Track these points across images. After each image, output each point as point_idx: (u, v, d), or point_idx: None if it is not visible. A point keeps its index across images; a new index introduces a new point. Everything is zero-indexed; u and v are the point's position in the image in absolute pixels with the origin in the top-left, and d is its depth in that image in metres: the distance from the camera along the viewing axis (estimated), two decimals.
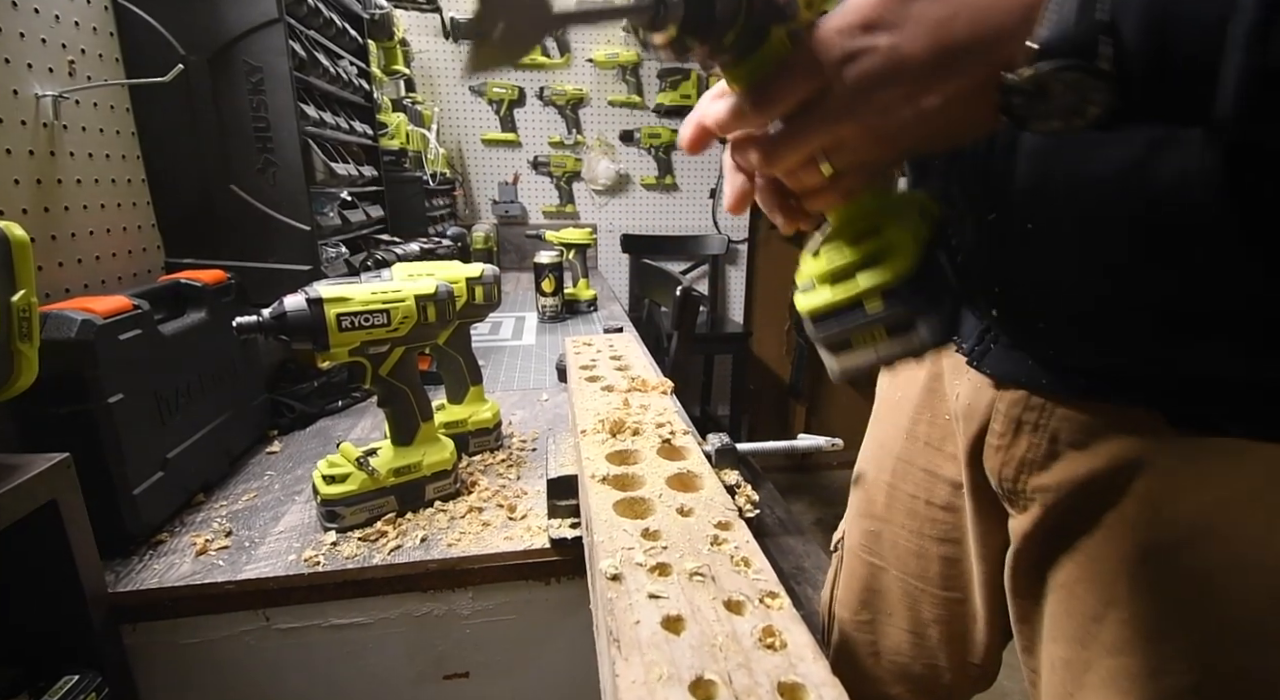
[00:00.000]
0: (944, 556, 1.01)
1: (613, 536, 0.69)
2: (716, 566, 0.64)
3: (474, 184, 4.14)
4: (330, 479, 1.10)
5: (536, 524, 1.13)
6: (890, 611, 1.10)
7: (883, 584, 1.11)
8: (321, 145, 1.75)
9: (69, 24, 1.30)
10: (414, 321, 1.09)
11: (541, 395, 1.80)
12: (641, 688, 0.49)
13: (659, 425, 0.99)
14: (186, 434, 1.20)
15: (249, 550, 1.07)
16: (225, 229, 1.58)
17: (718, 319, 4.45)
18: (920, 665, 1.09)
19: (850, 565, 1.17)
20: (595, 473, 0.84)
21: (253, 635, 1.02)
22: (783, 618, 0.57)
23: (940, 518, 1.00)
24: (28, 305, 0.80)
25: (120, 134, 1.44)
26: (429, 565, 1.03)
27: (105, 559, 0.98)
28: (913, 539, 1.04)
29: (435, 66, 3.92)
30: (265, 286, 1.46)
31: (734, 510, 0.76)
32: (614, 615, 0.57)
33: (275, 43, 1.52)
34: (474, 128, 4.06)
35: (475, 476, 1.29)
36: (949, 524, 0.99)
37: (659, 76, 4.09)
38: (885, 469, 1.07)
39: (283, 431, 1.55)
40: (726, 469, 0.92)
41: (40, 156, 1.21)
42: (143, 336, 1.09)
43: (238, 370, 1.38)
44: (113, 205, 1.40)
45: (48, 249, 1.21)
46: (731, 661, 0.51)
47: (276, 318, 0.99)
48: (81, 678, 0.87)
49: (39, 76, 1.22)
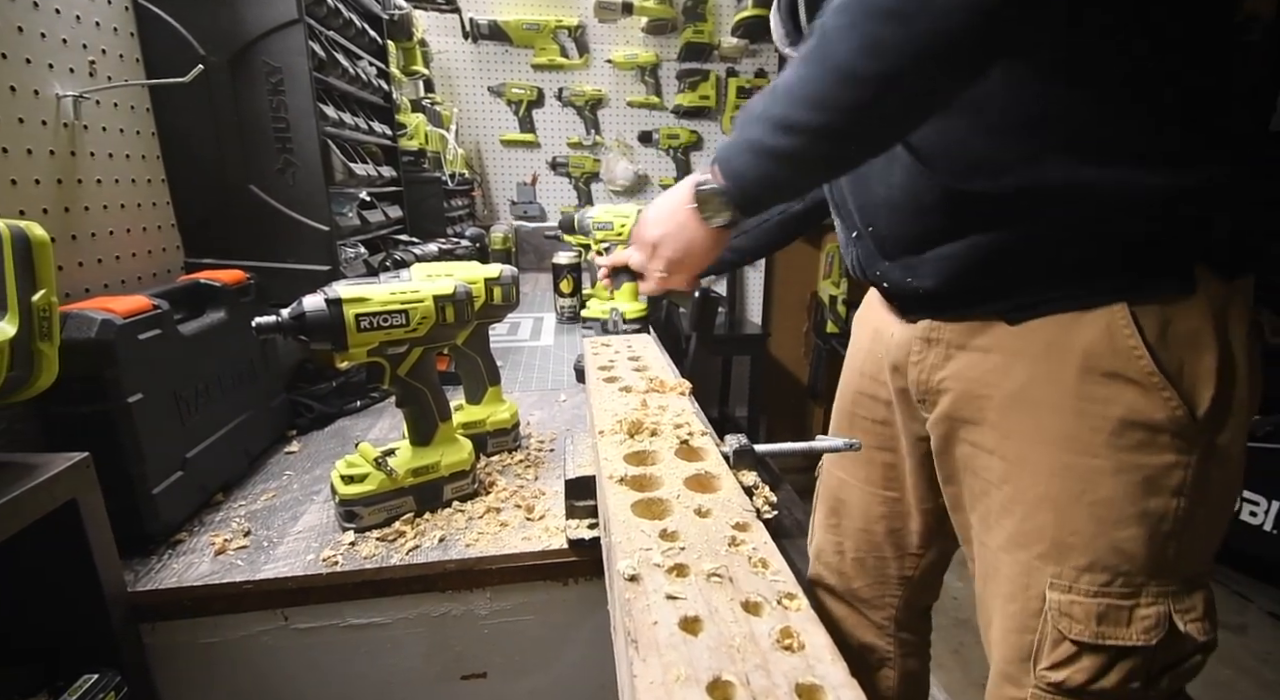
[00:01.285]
0: (884, 462, 1.33)
1: (630, 537, 0.69)
2: (734, 567, 0.63)
3: (492, 185, 4.15)
4: (349, 479, 1.10)
5: (554, 524, 1.13)
6: (849, 514, 1.42)
7: (845, 492, 1.42)
8: (341, 146, 1.75)
9: (90, 24, 1.30)
10: (432, 322, 1.09)
11: (559, 396, 1.80)
12: (659, 688, 0.48)
13: (677, 426, 0.98)
14: (205, 434, 1.20)
15: (267, 550, 1.08)
16: (244, 229, 1.59)
17: (736, 320, 4.44)
18: (872, 558, 1.41)
19: (824, 480, 1.50)
20: (613, 473, 0.83)
21: (271, 635, 1.02)
22: (801, 619, 0.56)
23: (879, 431, 1.32)
24: (48, 305, 0.81)
25: (140, 134, 1.45)
26: (447, 565, 1.03)
27: (124, 558, 0.98)
28: (864, 451, 1.35)
29: (454, 67, 3.93)
30: (284, 287, 1.47)
31: (752, 511, 0.75)
32: (632, 616, 0.56)
33: (295, 43, 1.53)
34: (493, 128, 4.07)
35: (493, 477, 1.29)
36: (886, 435, 1.31)
37: (678, 77, 4.08)
38: (846, 399, 1.40)
39: (301, 431, 1.56)
40: (744, 470, 0.92)
41: (61, 156, 1.21)
42: (162, 336, 1.09)
43: (256, 370, 1.39)
44: (132, 205, 1.41)
45: (68, 249, 1.22)
46: (749, 662, 0.51)
47: (295, 318, 1.00)
48: (100, 676, 0.87)
49: (60, 77, 1.22)
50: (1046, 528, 0.96)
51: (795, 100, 0.86)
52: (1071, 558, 0.94)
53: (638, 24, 3.93)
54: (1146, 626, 0.92)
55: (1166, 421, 0.88)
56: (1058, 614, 0.95)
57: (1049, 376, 0.94)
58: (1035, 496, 0.97)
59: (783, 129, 0.88)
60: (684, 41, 3.89)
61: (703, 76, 4.07)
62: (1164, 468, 0.90)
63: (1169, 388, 0.87)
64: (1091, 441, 0.91)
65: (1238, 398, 0.91)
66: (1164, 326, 0.88)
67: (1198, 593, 0.94)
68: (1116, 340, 0.89)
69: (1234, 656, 2.90)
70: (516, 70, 3.98)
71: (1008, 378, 0.98)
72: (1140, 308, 0.88)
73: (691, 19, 3.87)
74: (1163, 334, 0.88)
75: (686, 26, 3.88)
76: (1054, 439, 0.94)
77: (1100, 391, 0.90)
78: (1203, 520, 0.92)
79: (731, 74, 4.09)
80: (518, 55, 3.95)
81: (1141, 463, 0.90)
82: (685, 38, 3.88)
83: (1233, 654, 2.92)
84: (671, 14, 3.85)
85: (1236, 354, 0.90)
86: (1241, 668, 2.84)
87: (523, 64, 3.97)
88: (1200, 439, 0.89)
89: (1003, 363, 0.99)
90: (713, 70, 4.07)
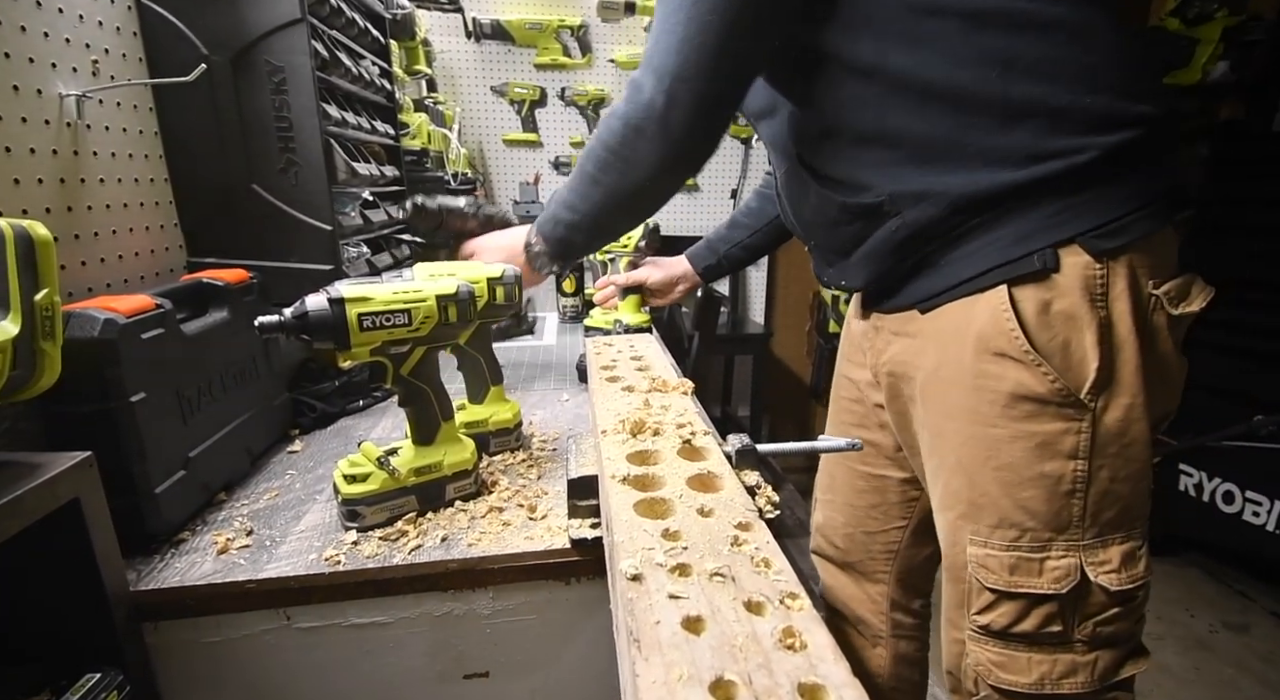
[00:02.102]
0: (864, 439, 1.42)
1: (633, 537, 0.69)
2: (737, 567, 0.63)
3: (495, 184, 4.15)
4: (351, 478, 1.10)
5: (557, 524, 1.13)
6: (838, 489, 1.56)
7: (835, 468, 1.57)
8: (343, 145, 1.75)
9: (93, 24, 1.30)
10: (435, 321, 1.09)
11: (562, 395, 1.80)
12: (662, 688, 0.48)
13: (679, 426, 0.98)
14: (208, 433, 1.20)
15: (270, 549, 1.08)
16: (247, 228, 1.59)
17: (738, 320, 4.44)
18: (860, 533, 1.54)
19: (823, 458, 1.63)
20: (616, 473, 0.83)
21: (273, 634, 1.02)
22: (803, 619, 0.56)
23: (855, 409, 1.48)
24: (51, 304, 0.81)
25: (143, 133, 1.45)
26: (449, 565, 1.03)
27: (127, 557, 0.98)
28: (845, 429, 1.50)
29: (457, 66, 3.93)
30: (287, 286, 1.47)
31: (754, 511, 0.75)
32: (634, 615, 0.56)
33: (298, 42, 1.53)
34: (495, 128, 4.07)
35: (496, 476, 1.29)
36: (860, 412, 1.47)
37: None
38: (835, 385, 1.55)
39: (304, 431, 1.56)
40: (747, 470, 0.92)
41: (64, 156, 1.21)
42: (165, 335, 1.09)
43: (259, 369, 1.39)
44: (135, 204, 1.41)
45: (71, 248, 1.22)
46: (752, 662, 0.51)
47: (298, 317, 1.00)
48: (103, 676, 0.87)
49: (63, 76, 1.22)
50: (962, 490, 1.08)
51: (572, 190, 1.31)
52: (984, 516, 1.06)
53: (641, 23, 3.93)
54: (1057, 577, 1.03)
55: (1049, 393, 0.98)
56: (976, 566, 1.08)
57: (953, 357, 1.06)
58: (952, 463, 1.09)
59: (568, 208, 1.34)
60: None
61: None
62: (1055, 434, 1.00)
63: (1044, 363, 0.97)
64: (989, 413, 1.03)
65: (1125, 369, 0.98)
66: (1043, 307, 0.98)
67: (1113, 547, 1.04)
68: (999, 322, 0.99)
69: (1237, 656, 2.91)
70: (519, 70, 3.99)
71: (925, 359, 1.12)
72: (1018, 291, 0.98)
73: None
74: (1042, 313, 0.98)
75: None
76: (960, 412, 1.06)
77: (992, 368, 1.01)
78: (1107, 481, 1.01)
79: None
80: (520, 55, 3.96)
81: (1034, 431, 1.00)
82: None
83: (1235, 653, 2.92)
84: None
85: (1119, 329, 0.97)
86: (1244, 667, 2.84)
87: (525, 63, 3.97)
88: (1089, 407, 0.98)
89: (921, 346, 1.13)
90: None
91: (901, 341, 1.18)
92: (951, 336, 1.06)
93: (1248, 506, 3.17)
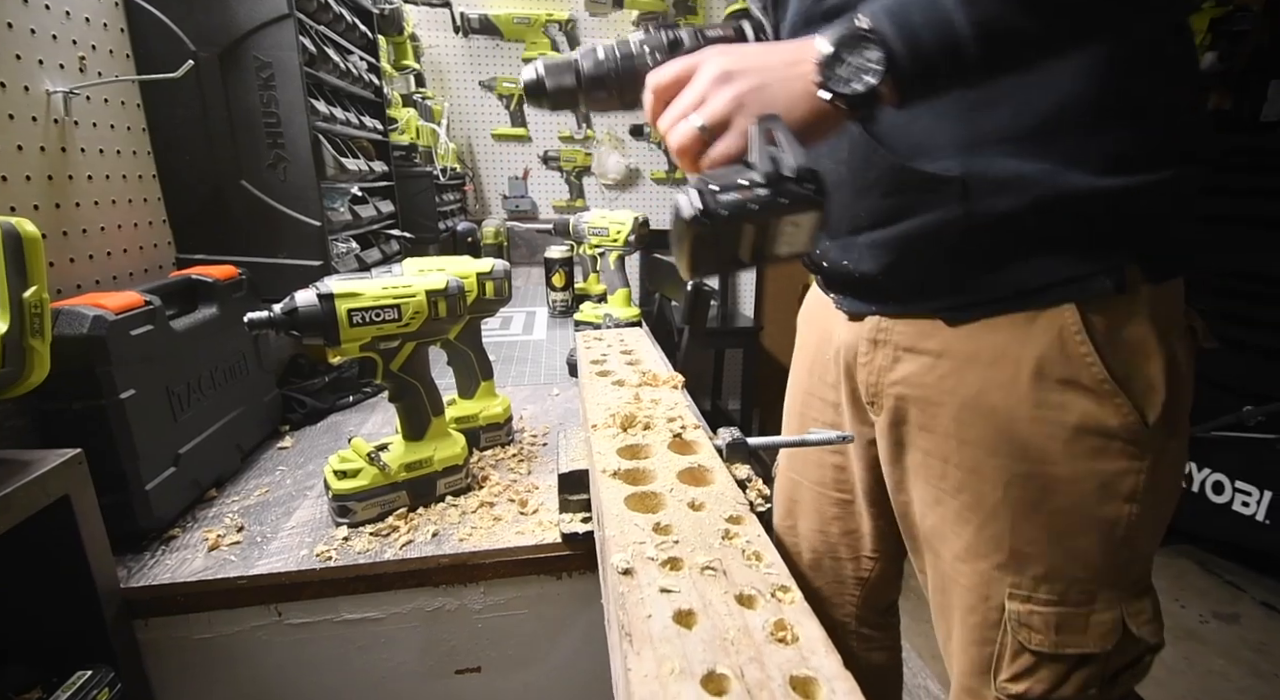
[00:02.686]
0: (834, 465, 1.27)
1: (624, 531, 0.69)
2: (728, 560, 0.64)
3: (484, 179, 4.15)
4: (342, 474, 1.10)
5: (548, 519, 1.13)
6: (804, 515, 1.36)
7: (799, 494, 1.37)
8: (332, 140, 1.75)
9: (79, 20, 1.30)
10: (425, 316, 1.09)
11: (552, 390, 1.80)
12: (653, 681, 0.48)
13: (670, 419, 0.98)
14: (198, 429, 1.20)
15: (261, 545, 1.08)
16: (236, 224, 1.59)
17: (728, 313, 4.44)
18: (828, 559, 1.35)
19: (780, 482, 1.43)
20: (606, 467, 0.83)
21: (265, 630, 1.02)
22: (795, 612, 0.56)
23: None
24: (39, 301, 0.81)
25: (131, 130, 1.45)
26: (441, 560, 1.04)
27: (117, 554, 0.98)
28: (814, 452, 1.31)
29: (445, 61, 3.92)
30: (276, 282, 1.47)
31: (745, 504, 0.75)
32: (625, 609, 0.56)
33: (285, 38, 1.52)
34: (484, 123, 4.06)
35: (486, 471, 1.29)
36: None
37: None
38: (796, 400, 1.34)
39: (294, 427, 1.56)
40: (738, 463, 0.92)
41: (51, 153, 1.21)
42: (154, 332, 1.09)
43: (249, 366, 1.38)
44: (124, 201, 1.40)
45: (59, 245, 1.22)
46: (743, 655, 0.51)
47: (288, 313, 1.00)
48: (94, 673, 0.87)
49: (50, 72, 1.22)
50: (1004, 537, 0.95)
51: None
52: (1029, 567, 0.94)
53: (629, 17, 3.92)
54: (1103, 632, 0.93)
55: (1120, 428, 0.88)
56: (1017, 625, 0.95)
57: (1003, 384, 0.91)
58: (992, 505, 0.95)
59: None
60: None
61: None
62: (1118, 474, 0.89)
63: (1120, 394, 0.87)
64: (1047, 449, 0.90)
65: (1183, 403, 0.90)
66: (1114, 331, 0.87)
67: (1145, 596, 0.95)
68: (1069, 346, 0.87)
69: (1227, 646, 2.92)
70: (507, 64, 3.98)
71: (962, 385, 0.95)
72: (1089, 311, 0.87)
73: (682, 11, 3.88)
74: (1113, 339, 0.87)
75: (677, 19, 3.87)
76: (1009, 448, 0.92)
77: (1055, 398, 0.89)
78: (1151, 524, 0.92)
79: None
80: (509, 49, 3.95)
81: (1097, 470, 0.89)
82: None
83: (1226, 643, 2.93)
84: (662, 6, 3.84)
85: (1180, 360, 0.89)
86: (1235, 657, 2.85)
87: (514, 58, 3.96)
88: (1152, 444, 0.89)
89: (955, 369, 0.96)
90: None
91: (919, 360, 0.99)
92: (1001, 360, 0.91)
93: (1237, 497, 3.18)
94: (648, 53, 0.93)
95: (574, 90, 0.94)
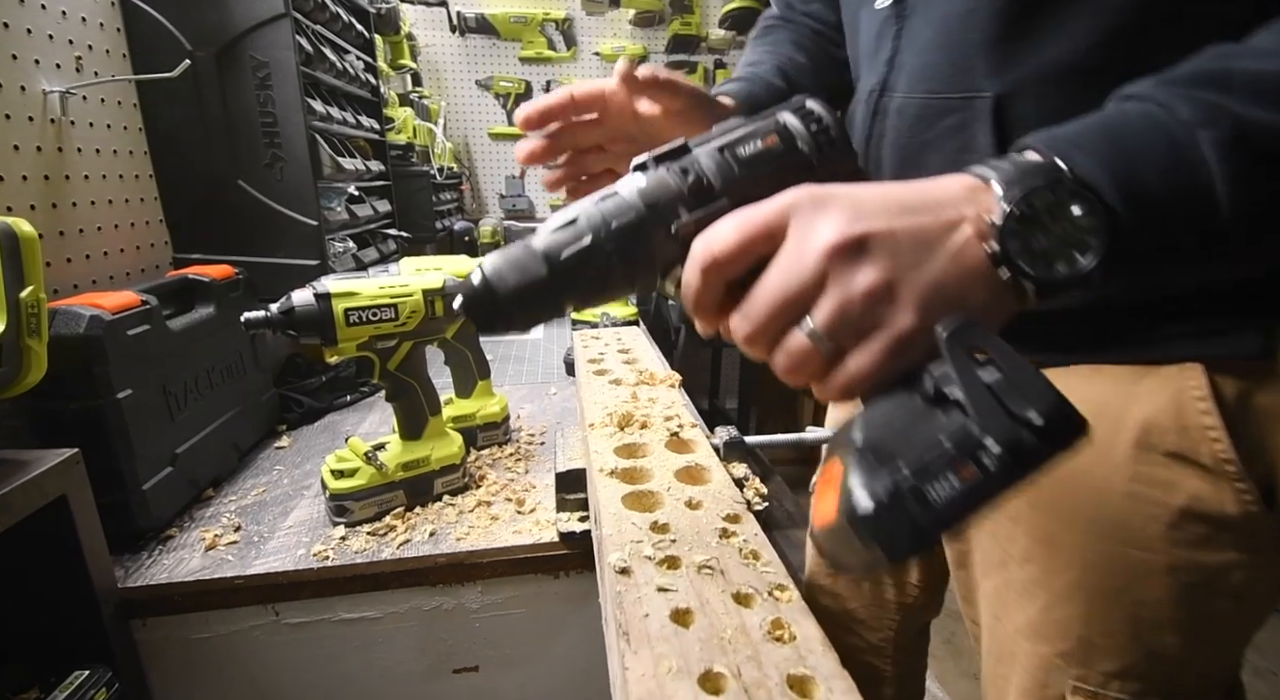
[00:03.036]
0: None
1: (621, 530, 0.69)
2: (725, 559, 0.64)
3: (481, 178, 4.14)
4: (339, 474, 1.10)
5: (545, 518, 1.13)
6: None
7: None
8: (328, 140, 1.75)
9: (76, 20, 1.30)
10: (422, 316, 1.09)
11: (549, 389, 1.80)
12: (651, 680, 0.48)
13: (667, 418, 0.98)
14: (195, 429, 1.20)
15: (258, 545, 1.08)
16: (233, 224, 1.58)
17: None
18: (869, 583, 1.21)
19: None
20: (603, 466, 0.83)
21: (262, 630, 1.02)
22: (792, 610, 0.56)
23: None
24: (36, 301, 0.81)
25: (128, 130, 1.44)
26: (438, 559, 1.04)
27: (115, 554, 0.98)
28: None
29: (442, 61, 3.92)
30: (273, 281, 1.46)
31: (742, 503, 0.75)
32: (623, 608, 0.57)
33: (282, 38, 1.52)
34: (481, 122, 4.06)
35: (484, 470, 1.29)
36: None
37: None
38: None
39: (291, 426, 1.56)
40: (735, 462, 0.92)
41: (48, 153, 1.21)
42: (151, 332, 1.09)
43: (246, 365, 1.38)
44: (120, 201, 1.40)
45: (56, 245, 1.21)
46: (741, 654, 0.51)
47: (285, 313, 1.00)
48: (92, 673, 0.87)
49: (46, 72, 1.22)
50: (1074, 623, 0.80)
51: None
52: (1100, 661, 0.79)
53: (625, 16, 3.92)
54: None
55: (1238, 516, 0.71)
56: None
57: (1097, 447, 0.73)
58: (1065, 585, 0.80)
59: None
60: (671, 33, 3.89)
61: (690, 68, 4.06)
62: (1223, 567, 0.73)
63: (1245, 479, 0.70)
64: (1143, 532, 0.75)
65: None
66: (1243, 402, 0.70)
67: (1232, 696, 0.83)
68: (1187, 414, 0.71)
69: None
70: (504, 63, 3.97)
71: None
72: (1217, 374, 0.70)
73: (679, 11, 3.87)
74: (1242, 412, 0.70)
75: (674, 18, 3.87)
76: (1095, 523, 0.77)
77: (1160, 474, 0.73)
78: (1251, 620, 0.79)
79: (719, 66, 4.08)
80: (505, 48, 3.95)
81: (1200, 562, 0.74)
82: (673, 30, 3.88)
83: None
84: (659, 6, 3.84)
85: None
86: None
87: (510, 57, 3.96)
88: (1269, 535, 0.72)
89: None
90: (700, 62, 4.06)
91: None
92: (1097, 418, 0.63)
93: None
94: (661, 206, 0.55)
95: (546, 287, 0.54)
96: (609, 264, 0.54)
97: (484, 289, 0.54)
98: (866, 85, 0.86)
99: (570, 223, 0.54)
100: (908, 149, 0.79)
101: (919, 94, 0.77)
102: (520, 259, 0.54)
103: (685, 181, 0.55)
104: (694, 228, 0.53)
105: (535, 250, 0.54)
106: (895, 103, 0.80)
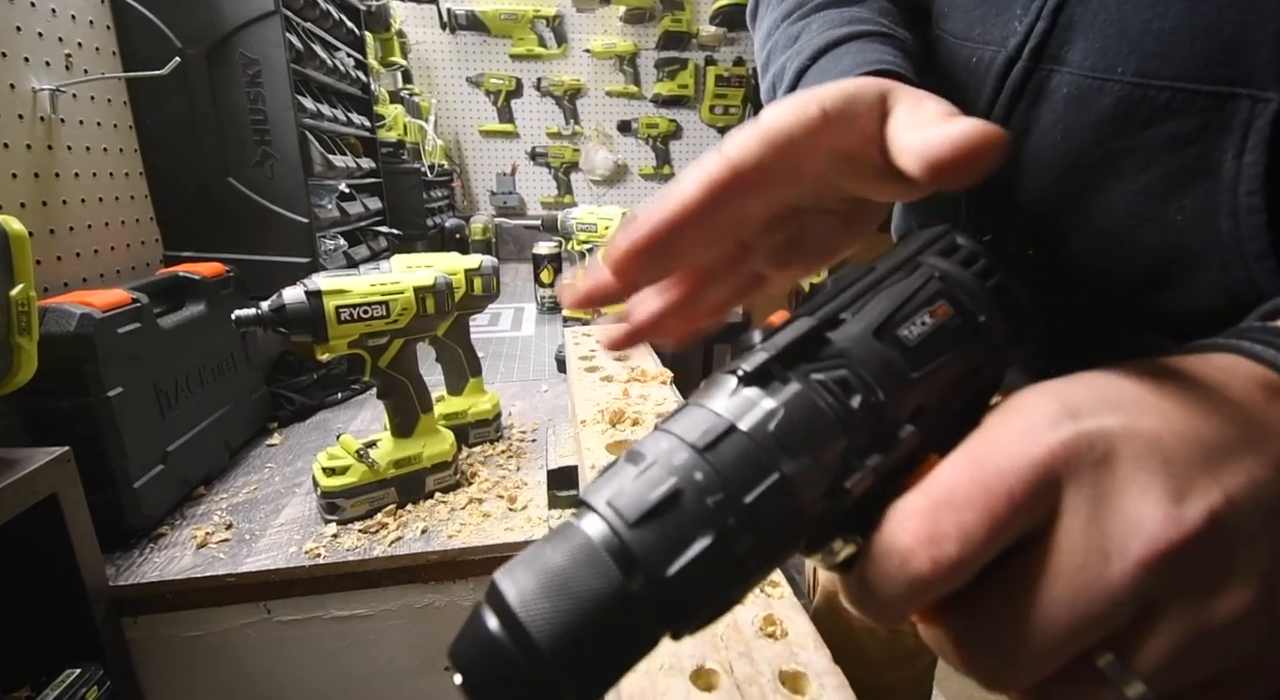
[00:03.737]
0: None
1: None
2: None
3: (472, 175, 4.13)
4: (330, 471, 1.10)
5: (537, 515, 1.13)
6: None
7: None
8: (319, 137, 1.74)
9: (66, 17, 1.29)
10: (413, 313, 1.09)
11: (541, 386, 1.80)
12: (643, 677, 0.49)
13: (659, 415, 0.99)
14: (186, 427, 1.20)
15: (250, 543, 1.08)
16: (223, 222, 1.58)
17: None
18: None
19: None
20: (595, 463, 0.84)
21: (254, 627, 1.02)
22: (783, 607, 0.57)
23: None
24: (26, 299, 0.80)
25: (118, 127, 1.44)
26: (430, 557, 1.04)
27: (106, 552, 0.98)
28: None
29: (432, 58, 3.91)
30: (264, 279, 1.46)
31: None
32: None
33: (272, 35, 1.52)
34: (471, 119, 4.05)
35: (475, 468, 1.29)
36: None
37: (656, 66, 4.06)
38: None
39: (283, 424, 1.55)
40: None
41: (38, 150, 1.20)
42: (142, 330, 1.09)
43: (237, 363, 1.38)
44: (111, 199, 1.40)
45: (46, 243, 1.21)
46: (733, 651, 0.51)
47: (275, 310, 0.99)
48: (83, 671, 0.87)
49: (36, 70, 1.21)
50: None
51: None
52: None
53: (616, 13, 3.91)
54: None
55: None
56: None
57: None
58: None
59: None
60: (662, 30, 3.88)
61: (681, 65, 4.06)
62: None
63: None
64: None
65: None
66: None
67: None
68: None
69: None
70: (495, 60, 3.96)
71: None
72: None
73: (669, 7, 3.86)
74: None
75: (665, 15, 3.86)
76: None
77: None
78: None
79: (710, 62, 4.07)
80: (496, 45, 3.94)
81: None
82: (663, 26, 3.87)
83: None
84: (650, 3, 3.83)
85: None
86: None
87: (501, 54, 3.95)
88: None
89: None
90: (691, 59, 4.06)
91: None
92: None
93: None
94: (820, 455, 0.29)
95: (640, 617, 0.27)
96: (746, 569, 0.28)
97: (507, 640, 0.28)
98: (987, 43, 0.55)
99: (666, 500, 0.27)
100: (1082, 162, 0.49)
101: (1124, 78, 0.46)
102: (567, 571, 0.27)
103: (848, 405, 0.29)
104: (873, 482, 0.29)
105: (595, 547, 0.27)
106: (1067, 84, 0.49)
